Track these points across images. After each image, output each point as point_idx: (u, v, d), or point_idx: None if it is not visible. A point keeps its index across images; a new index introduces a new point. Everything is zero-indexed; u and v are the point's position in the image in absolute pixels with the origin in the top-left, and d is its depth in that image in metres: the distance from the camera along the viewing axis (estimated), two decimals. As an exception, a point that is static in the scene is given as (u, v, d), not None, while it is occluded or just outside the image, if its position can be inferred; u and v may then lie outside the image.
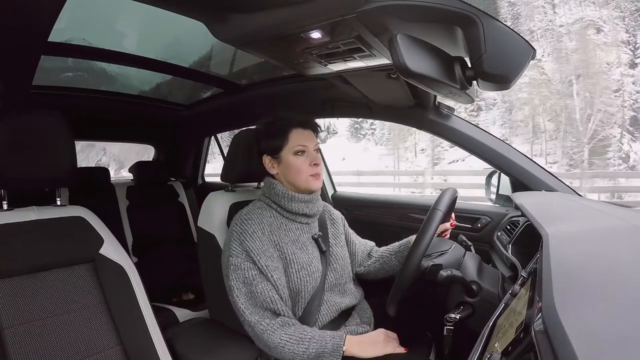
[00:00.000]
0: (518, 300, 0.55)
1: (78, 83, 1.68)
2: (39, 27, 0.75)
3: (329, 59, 0.97)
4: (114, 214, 1.87)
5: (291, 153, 0.92)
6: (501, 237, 1.11)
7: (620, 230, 0.60)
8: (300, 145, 0.92)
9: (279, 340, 0.80)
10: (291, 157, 0.92)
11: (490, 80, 0.69)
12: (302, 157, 0.92)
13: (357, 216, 1.66)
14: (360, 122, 16.92)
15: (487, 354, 0.49)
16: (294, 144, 0.91)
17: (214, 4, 0.77)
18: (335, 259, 0.98)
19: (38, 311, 0.73)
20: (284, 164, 0.92)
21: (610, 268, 0.42)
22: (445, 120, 1.24)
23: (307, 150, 0.92)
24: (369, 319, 1.01)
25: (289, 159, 0.92)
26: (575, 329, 0.27)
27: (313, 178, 0.92)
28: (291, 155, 0.92)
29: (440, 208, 0.83)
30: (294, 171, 0.92)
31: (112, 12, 1.35)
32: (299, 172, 0.91)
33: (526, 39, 0.68)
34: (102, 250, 0.83)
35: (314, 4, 0.70)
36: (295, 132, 0.92)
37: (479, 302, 0.82)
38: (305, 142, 0.92)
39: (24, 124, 0.77)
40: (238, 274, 0.84)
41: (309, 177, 0.92)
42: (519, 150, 1.19)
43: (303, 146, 0.92)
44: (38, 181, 0.81)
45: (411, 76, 0.64)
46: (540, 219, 0.65)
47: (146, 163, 2.13)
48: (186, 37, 1.42)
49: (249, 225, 0.87)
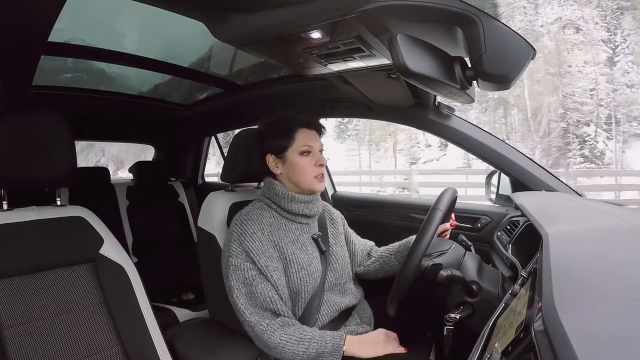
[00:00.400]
0: (518, 300, 0.55)
1: (77, 84, 1.68)
2: (39, 27, 0.75)
3: (329, 59, 0.97)
4: (114, 214, 1.87)
5: (297, 153, 0.91)
6: (501, 237, 1.11)
7: (621, 230, 0.60)
8: (306, 145, 0.92)
9: (279, 341, 0.80)
10: (297, 157, 0.91)
11: (490, 80, 0.69)
12: (307, 158, 0.92)
13: (357, 216, 1.66)
14: (345, 122, 17.06)
15: (487, 354, 0.49)
16: (299, 144, 0.91)
17: (214, 4, 0.77)
18: (335, 259, 0.98)
19: (38, 311, 0.73)
20: (288, 164, 0.92)
21: (610, 268, 0.42)
22: (445, 120, 1.24)
23: (312, 151, 0.93)
24: (369, 319, 1.01)
25: (294, 159, 0.92)
26: (575, 329, 0.27)
27: (317, 179, 0.92)
28: (297, 155, 0.91)
29: (441, 208, 0.83)
30: (298, 171, 0.91)
31: (112, 12, 1.35)
32: (304, 172, 0.91)
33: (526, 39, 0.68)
34: (102, 250, 0.83)
35: (314, 4, 0.70)
36: (301, 132, 0.92)
37: (479, 302, 0.82)
38: (311, 143, 0.92)
39: (24, 124, 0.77)
40: (238, 275, 0.84)
41: (313, 178, 0.92)
42: (519, 150, 1.19)
43: (309, 146, 0.92)
44: (38, 181, 0.80)
45: (411, 76, 0.64)
46: (540, 219, 0.65)
47: (146, 163, 2.13)
48: (186, 37, 1.42)
49: (248, 225, 0.87)
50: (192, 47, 1.54)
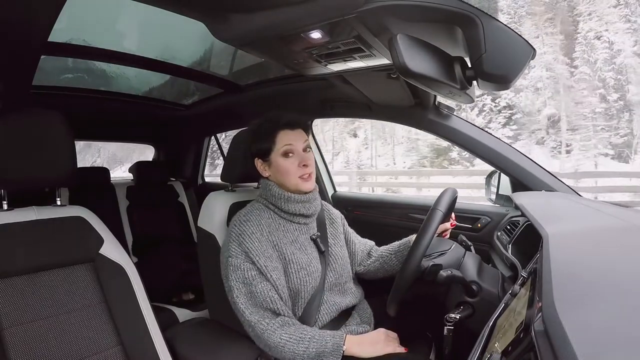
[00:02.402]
0: (518, 300, 0.55)
1: (78, 84, 1.68)
2: (39, 27, 0.75)
3: (329, 59, 0.97)
4: (114, 214, 1.87)
5: (279, 155, 0.90)
6: (501, 237, 1.11)
7: (621, 230, 0.60)
8: (287, 145, 0.90)
9: (279, 340, 0.80)
10: (280, 160, 0.91)
11: (490, 80, 0.69)
12: (290, 159, 0.90)
13: (357, 216, 1.66)
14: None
15: (487, 354, 0.49)
16: (280, 146, 0.90)
17: (214, 4, 0.77)
18: (335, 258, 0.98)
19: (38, 311, 0.73)
20: (274, 167, 0.92)
21: (611, 268, 0.42)
22: (445, 120, 1.24)
23: (295, 151, 0.91)
24: (369, 319, 1.01)
25: (277, 161, 0.91)
26: (575, 329, 0.27)
27: (302, 180, 0.91)
28: (280, 158, 0.91)
29: (440, 208, 0.83)
30: (283, 173, 0.91)
31: (112, 12, 1.35)
32: (287, 173, 0.90)
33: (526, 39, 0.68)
34: (102, 250, 0.83)
35: (314, 4, 0.70)
36: (282, 133, 0.91)
37: (479, 302, 0.82)
38: (292, 142, 0.90)
39: (24, 124, 0.77)
40: (238, 274, 0.84)
41: (297, 179, 0.90)
42: (519, 150, 1.19)
43: (290, 146, 0.90)
44: (38, 181, 0.80)
45: (411, 76, 0.64)
46: (540, 219, 0.65)
47: (146, 163, 2.13)
48: (186, 37, 1.42)
49: (247, 226, 0.87)
50: (192, 47, 1.54)
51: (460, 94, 0.76)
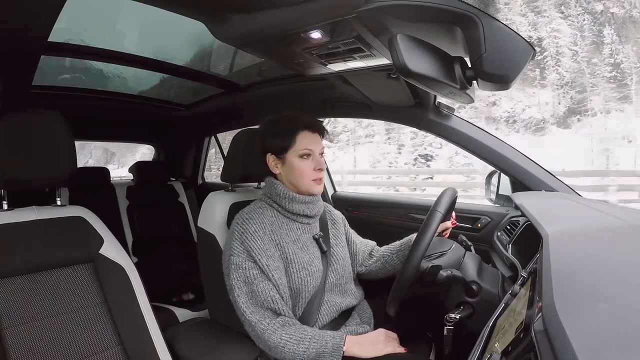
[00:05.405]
0: (518, 300, 0.55)
1: (75, 85, 1.68)
2: (39, 27, 0.75)
3: (329, 59, 0.97)
4: (114, 214, 1.87)
5: (296, 155, 0.91)
6: (501, 237, 1.11)
7: (620, 230, 0.60)
8: (306, 149, 0.91)
9: (279, 340, 0.80)
10: (296, 160, 0.91)
11: (490, 80, 0.69)
12: (307, 161, 0.91)
13: (357, 216, 1.66)
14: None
15: (487, 354, 0.49)
16: (300, 147, 0.91)
17: (214, 4, 0.77)
18: (336, 259, 0.98)
19: (38, 311, 0.73)
20: (287, 165, 0.92)
21: (611, 268, 0.42)
22: (445, 120, 1.24)
23: (312, 155, 0.92)
24: (369, 319, 1.01)
25: (293, 161, 0.91)
26: (575, 329, 0.27)
27: (315, 182, 0.92)
28: (296, 158, 0.91)
29: (440, 209, 0.83)
30: (297, 174, 0.91)
31: (112, 12, 1.35)
32: (302, 175, 0.91)
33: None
34: (102, 250, 0.83)
35: (314, 4, 0.70)
36: (302, 134, 0.91)
37: (479, 302, 0.82)
38: (311, 146, 0.92)
39: (24, 124, 0.77)
40: (239, 273, 0.84)
41: (311, 182, 0.92)
42: (519, 150, 1.19)
43: (309, 150, 0.91)
44: (38, 181, 0.80)
45: (411, 76, 0.64)
46: (540, 219, 0.65)
47: (146, 163, 2.13)
48: (186, 37, 1.42)
49: (250, 224, 0.87)
50: (192, 47, 1.54)
51: (460, 94, 0.76)
